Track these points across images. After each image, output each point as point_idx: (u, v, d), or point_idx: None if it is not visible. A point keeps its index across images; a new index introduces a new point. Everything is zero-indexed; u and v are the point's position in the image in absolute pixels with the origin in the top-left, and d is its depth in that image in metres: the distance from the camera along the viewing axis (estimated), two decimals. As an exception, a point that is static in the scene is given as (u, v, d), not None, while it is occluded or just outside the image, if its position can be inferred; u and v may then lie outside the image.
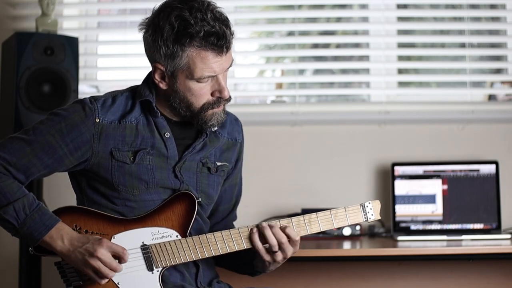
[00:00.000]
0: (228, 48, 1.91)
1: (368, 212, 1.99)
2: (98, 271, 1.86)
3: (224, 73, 1.95)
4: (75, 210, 1.96)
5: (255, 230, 1.93)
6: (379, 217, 2.00)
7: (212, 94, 1.95)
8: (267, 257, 1.95)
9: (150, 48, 1.94)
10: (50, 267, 2.24)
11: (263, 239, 1.93)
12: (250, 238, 1.93)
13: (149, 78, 2.01)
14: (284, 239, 1.92)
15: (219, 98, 1.95)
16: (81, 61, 3.19)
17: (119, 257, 1.89)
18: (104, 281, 1.88)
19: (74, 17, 3.42)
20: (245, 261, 2.08)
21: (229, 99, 1.97)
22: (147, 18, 1.95)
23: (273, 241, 1.92)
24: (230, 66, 1.96)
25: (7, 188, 1.88)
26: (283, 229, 1.93)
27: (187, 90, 1.93)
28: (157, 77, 1.96)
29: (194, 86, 1.93)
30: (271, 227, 1.92)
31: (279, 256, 1.95)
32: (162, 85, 1.96)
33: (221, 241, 1.94)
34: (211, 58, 1.89)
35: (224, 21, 1.90)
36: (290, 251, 1.95)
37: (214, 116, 1.97)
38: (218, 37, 1.87)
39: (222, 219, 2.19)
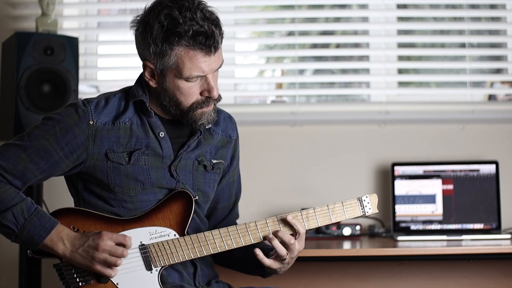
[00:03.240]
0: (216, 48, 1.90)
1: (366, 206, 1.99)
2: (106, 262, 1.86)
3: (214, 73, 1.95)
4: (73, 211, 1.96)
5: (258, 251, 1.93)
6: (377, 211, 1.99)
7: (201, 94, 1.95)
8: (276, 265, 1.97)
9: (140, 46, 1.95)
10: (50, 268, 2.24)
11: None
12: (257, 256, 1.93)
13: (141, 79, 2.02)
14: (292, 240, 1.93)
15: (208, 97, 1.95)
16: (81, 61, 3.19)
17: (122, 245, 1.89)
18: (114, 273, 1.88)
19: (74, 17, 3.42)
20: (257, 264, 2.04)
21: (219, 99, 1.97)
22: (138, 16, 1.96)
23: (282, 251, 1.93)
24: (220, 66, 1.96)
25: (4, 194, 1.88)
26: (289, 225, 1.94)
27: (176, 88, 1.93)
28: (147, 75, 1.97)
29: (183, 85, 1.93)
30: (278, 236, 1.93)
31: (288, 259, 1.97)
32: (152, 83, 1.97)
33: (219, 239, 1.94)
34: (200, 57, 1.89)
35: (213, 21, 1.90)
36: (296, 250, 1.96)
37: (204, 116, 1.96)
38: (207, 36, 1.87)
39: (223, 218, 2.19)
